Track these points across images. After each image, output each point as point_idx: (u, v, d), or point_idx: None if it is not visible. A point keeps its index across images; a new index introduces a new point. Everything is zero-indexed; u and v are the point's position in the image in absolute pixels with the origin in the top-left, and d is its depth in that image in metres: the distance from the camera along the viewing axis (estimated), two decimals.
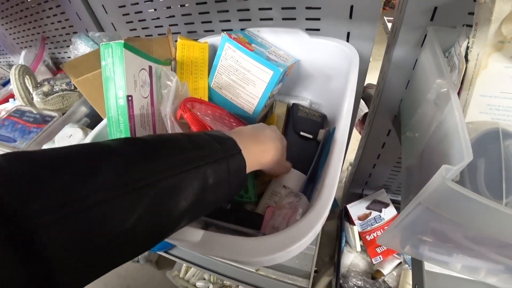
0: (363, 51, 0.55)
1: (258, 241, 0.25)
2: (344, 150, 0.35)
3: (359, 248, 0.89)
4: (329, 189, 0.30)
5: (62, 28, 0.93)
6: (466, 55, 0.37)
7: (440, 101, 0.37)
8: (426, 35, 0.48)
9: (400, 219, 0.33)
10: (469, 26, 0.37)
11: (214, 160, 0.28)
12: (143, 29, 0.76)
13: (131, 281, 1.24)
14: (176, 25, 0.70)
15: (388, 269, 0.83)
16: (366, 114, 0.79)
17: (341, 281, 0.82)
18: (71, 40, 0.68)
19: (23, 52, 0.97)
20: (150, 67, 0.43)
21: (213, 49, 0.55)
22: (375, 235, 0.85)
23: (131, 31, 0.79)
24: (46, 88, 0.77)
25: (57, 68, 1.06)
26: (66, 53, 1.04)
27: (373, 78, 0.72)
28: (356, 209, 0.90)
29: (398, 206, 0.88)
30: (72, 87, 0.80)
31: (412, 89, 0.54)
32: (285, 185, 0.44)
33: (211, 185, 0.28)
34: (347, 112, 0.38)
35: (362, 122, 0.84)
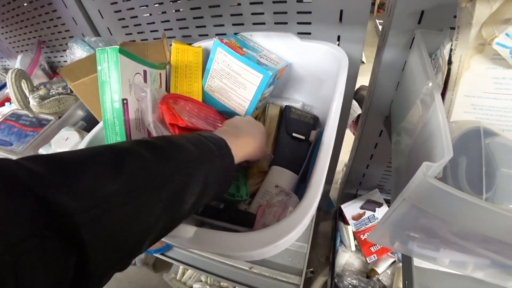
0: (354, 53, 0.56)
1: (246, 236, 0.27)
2: (331, 151, 0.36)
3: (354, 248, 0.90)
4: (315, 188, 0.31)
5: (59, 33, 0.94)
6: (450, 57, 0.38)
7: (426, 102, 0.38)
8: (414, 38, 0.50)
9: (387, 216, 0.34)
10: (454, 29, 0.38)
11: (212, 158, 0.31)
12: (139, 34, 0.77)
13: (128, 284, 1.24)
14: (171, 30, 0.71)
15: (383, 268, 0.84)
16: (360, 116, 0.80)
17: (336, 281, 0.83)
18: (68, 45, 0.68)
19: (20, 56, 0.97)
20: (145, 71, 0.44)
21: (207, 53, 0.56)
22: None
23: (127, 36, 0.80)
24: (43, 92, 0.77)
25: (54, 72, 1.06)
26: (63, 57, 1.05)
27: (367, 80, 0.74)
28: (350, 209, 0.92)
29: None
30: (68, 91, 0.81)
31: (401, 91, 0.56)
32: (278, 185, 0.45)
33: (211, 181, 0.30)
34: (335, 113, 0.40)
35: (356, 123, 0.85)
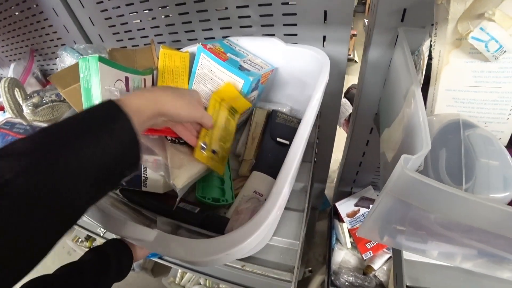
0: (339, 54, 0.57)
1: (199, 243, 0.28)
2: (295, 164, 0.35)
3: (350, 245, 0.90)
4: (275, 197, 0.31)
5: (51, 41, 0.94)
6: (430, 53, 0.39)
7: (408, 98, 0.39)
8: (398, 36, 0.51)
9: (373, 210, 0.35)
10: None
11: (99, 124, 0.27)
12: (129, 40, 0.78)
13: None
14: (161, 35, 0.72)
15: (379, 264, 0.84)
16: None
17: (333, 278, 0.83)
18: (58, 53, 0.69)
19: (12, 65, 0.97)
20: (127, 78, 0.46)
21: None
22: None
23: (118, 42, 0.81)
24: (36, 100, 0.78)
25: (47, 80, 1.07)
26: (55, 65, 1.05)
27: None
28: (345, 207, 0.92)
29: None
30: (62, 98, 0.81)
31: (388, 88, 0.57)
32: (256, 190, 0.45)
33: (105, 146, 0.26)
34: (309, 118, 0.40)
35: (348, 122, 0.86)
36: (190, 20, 0.65)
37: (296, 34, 0.57)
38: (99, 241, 1.20)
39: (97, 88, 0.39)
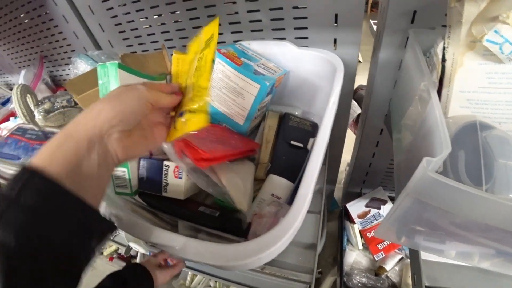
0: (350, 56, 0.58)
1: (229, 248, 0.28)
2: (321, 161, 0.35)
3: (361, 246, 0.90)
4: (301, 201, 0.31)
5: (60, 47, 0.96)
6: (444, 55, 0.40)
7: (423, 99, 0.39)
8: (408, 37, 0.51)
9: (392, 211, 0.35)
10: (445, 27, 0.39)
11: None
12: (139, 45, 0.79)
13: None
14: (171, 40, 0.73)
15: (391, 265, 0.84)
16: (359, 115, 0.82)
17: (345, 279, 0.83)
18: (71, 59, 0.70)
19: (23, 72, 0.99)
20: None
21: None
22: None
23: (128, 48, 0.81)
24: (47, 106, 0.79)
25: (56, 86, 1.08)
26: (65, 71, 1.06)
27: (364, 79, 0.75)
28: (356, 208, 0.92)
29: None
30: (73, 104, 0.82)
31: (399, 89, 0.57)
32: (274, 194, 0.46)
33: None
34: (325, 126, 0.40)
35: (356, 123, 0.86)
36: (200, 25, 0.65)
37: (307, 37, 0.58)
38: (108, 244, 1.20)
39: None
